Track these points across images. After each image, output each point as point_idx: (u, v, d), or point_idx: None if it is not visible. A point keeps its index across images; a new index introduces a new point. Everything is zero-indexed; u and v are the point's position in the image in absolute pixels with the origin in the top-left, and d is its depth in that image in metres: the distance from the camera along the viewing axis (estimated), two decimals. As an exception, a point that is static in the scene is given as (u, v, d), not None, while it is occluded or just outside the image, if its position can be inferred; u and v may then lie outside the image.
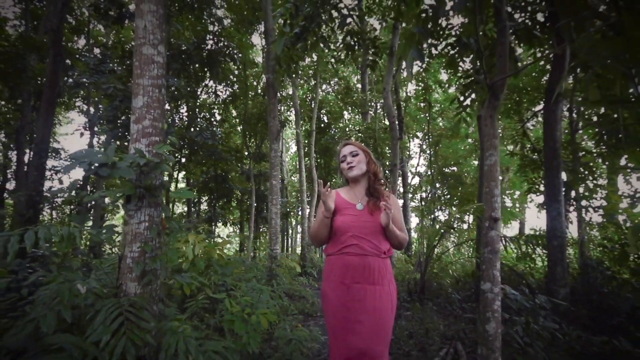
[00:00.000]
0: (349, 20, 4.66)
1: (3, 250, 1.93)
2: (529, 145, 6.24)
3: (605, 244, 5.93)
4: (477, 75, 3.69)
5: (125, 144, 7.26)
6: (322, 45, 4.68)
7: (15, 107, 10.20)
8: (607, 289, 4.94)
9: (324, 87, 15.19)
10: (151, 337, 2.05)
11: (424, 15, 2.88)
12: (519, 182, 9.27)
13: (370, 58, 4.84)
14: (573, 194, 6.28)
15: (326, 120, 15.00)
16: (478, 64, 4.15)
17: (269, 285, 5.37)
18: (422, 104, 12.01)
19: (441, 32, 4.18)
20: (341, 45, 5.04)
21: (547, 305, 3.24)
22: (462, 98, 4.50)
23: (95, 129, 10.08)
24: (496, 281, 2.63)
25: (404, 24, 6.36)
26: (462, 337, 3.90)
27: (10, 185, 12.37)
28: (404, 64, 7.40)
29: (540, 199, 6.27)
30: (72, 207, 11.51)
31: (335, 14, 4.59)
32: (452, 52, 4.30)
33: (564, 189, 5.94)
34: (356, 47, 4.80)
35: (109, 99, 5.74)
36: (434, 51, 4.99)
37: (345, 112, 14.89)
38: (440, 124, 12.97)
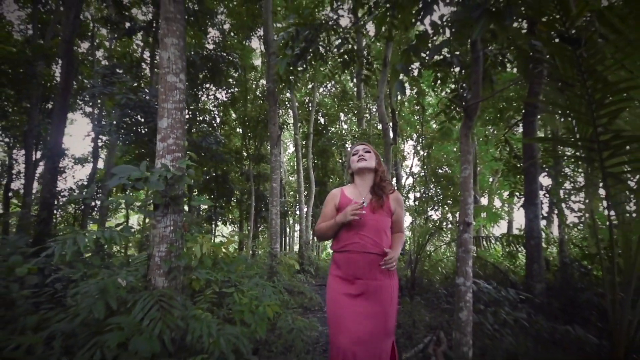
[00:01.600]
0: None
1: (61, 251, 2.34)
2: (511, 151, 6.73)
3: (582, 244, 6.44)
4: (456, 99, 4.13)
5: (133, 146, 7.66)
6: (320, 61, 5.11)
7: (22, 110, 10.56)
8: (581, 285, 5.43)
9: (320, 90, 15.65)
10: (181, 322, 2.49)
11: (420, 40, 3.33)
12: (506, 184, 9.78)
13: (365, 73, 5.28)
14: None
15: (323, 123, 15.47)
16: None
17: (270, 281, 5.81)
18: (416, 107, 12.47)
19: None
20: (338, 61, 5.46)
21: (515, 297, 3.70)
22: (447, 110, 4.97)
23: (100, 129, 10.42)
24: (468, 276, 3.09)
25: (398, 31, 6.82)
26: (445, 327, 4.36)
27: (15, 185, 12.72)
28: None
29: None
30: (76, 207, 11.91)
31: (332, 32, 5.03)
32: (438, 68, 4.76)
33: (544, 192, 6.45)
34: (351, 64, 5.22)
35: (121, 108, 6.14)
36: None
37: (341, 114, 15.37)
38: (434, 126, 13.45)
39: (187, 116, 11.80)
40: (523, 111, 5.79)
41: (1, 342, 2.32)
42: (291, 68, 4.87)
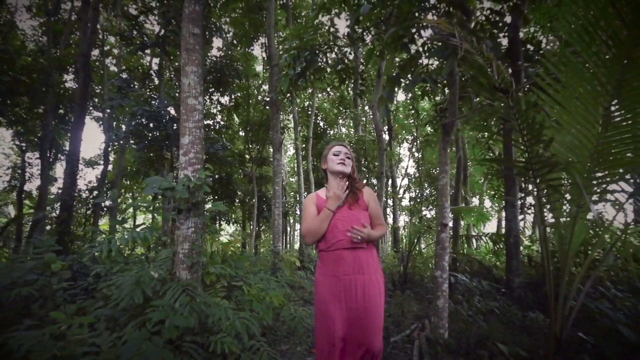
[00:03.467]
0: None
1: (108, 249, 2.86)
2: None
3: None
4: (437, 114, 4.66)
5: (145, 151, 8.18)
6: (318, 81, 5.64)
7: (36, 116, 11.09)
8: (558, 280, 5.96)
9: (320, 95, 16.19)
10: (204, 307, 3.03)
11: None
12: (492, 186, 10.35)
13: (360, 88, 5.81)
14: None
15: (322, 127, 16.03)
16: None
17: (274, 277, 6.35)
18: (411, 111, 13.02)
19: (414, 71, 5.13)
20: (335, 77, 5.97)
21: (488, 289, 4.23)
22: (434, 121, 5.52)
23: (115, 136, 10.95)
24: (445, 269, 3.63)
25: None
26: (430, 316, 4.90)
27: (28, 187, 13.24)
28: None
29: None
30: (86, 208, 12.45)
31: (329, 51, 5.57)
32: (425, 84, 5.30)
33: (523, 194, 6.98)
34: (347, 79, 5.74)
35: (133, 116, 6.65)
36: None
37: (340, 119, 15.95)
38: (428, 129, 14.01)
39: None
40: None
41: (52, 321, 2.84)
42: (292, 82, 5.40)
